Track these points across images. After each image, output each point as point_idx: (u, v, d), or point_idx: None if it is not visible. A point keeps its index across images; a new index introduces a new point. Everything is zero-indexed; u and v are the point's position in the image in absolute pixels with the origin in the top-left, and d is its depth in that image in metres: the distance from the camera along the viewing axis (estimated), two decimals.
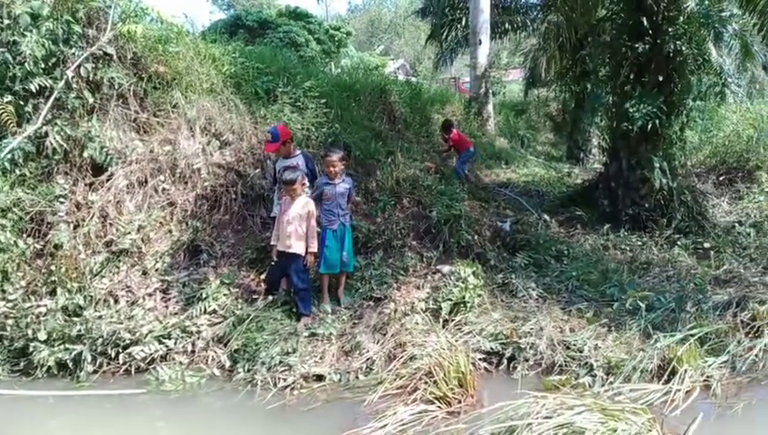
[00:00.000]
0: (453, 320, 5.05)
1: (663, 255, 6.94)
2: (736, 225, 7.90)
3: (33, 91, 5.24)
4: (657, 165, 7.76)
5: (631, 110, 7.52)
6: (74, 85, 5.46)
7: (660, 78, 7.72)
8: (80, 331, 4.63)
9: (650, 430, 3.40)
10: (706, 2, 8.39)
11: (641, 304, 5.12)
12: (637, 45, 7.71)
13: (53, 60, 5.37)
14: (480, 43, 13.98)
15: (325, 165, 5.33)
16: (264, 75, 7.36)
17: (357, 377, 4.47)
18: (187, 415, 4.21)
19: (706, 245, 7.22)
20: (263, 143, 6.46)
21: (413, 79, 19.35)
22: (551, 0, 9.71)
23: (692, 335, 4.58)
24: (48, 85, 5.30)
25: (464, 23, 16.26)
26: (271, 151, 5.67)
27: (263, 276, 5.51)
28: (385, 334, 4.81)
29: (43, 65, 5.26)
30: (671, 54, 7.66)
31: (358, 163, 7.41)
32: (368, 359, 4.59)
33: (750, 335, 4.81)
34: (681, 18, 7.72)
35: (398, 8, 50.12)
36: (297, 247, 5.03)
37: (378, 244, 6.30)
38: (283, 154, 5.56)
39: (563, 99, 16.73)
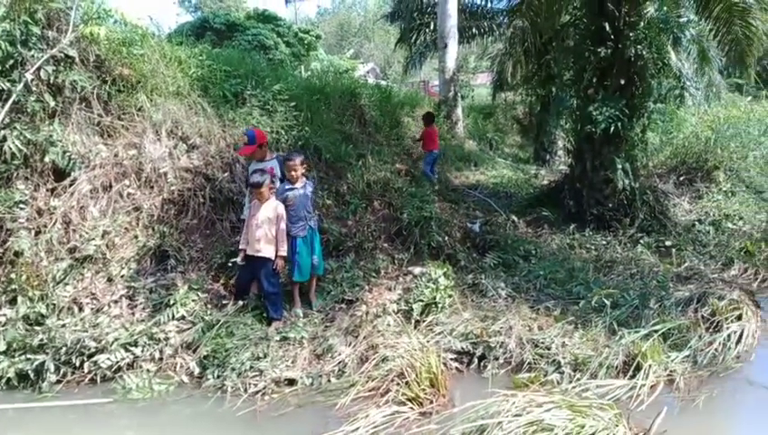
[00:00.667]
0: (424, 321, 5.10)
1: (627, 253, 7.13)
2: (696, 223, 8.18)
3: None
4: (619, 166, 7.97)
5: (595, 113, 7.71)
6: (34, 88, 5.30)
7: (622, 82, 7.92)
8: (42, 340, 4.48)
9: (617, 425, 3.48)
10: (665, 8, 8.68)
11: (606, 301, 5.28)
12: (599, 50, 7.90)
13: (11, 62, 5.21)
14: (446, 46, 14.13)
15: (287, 169, 5.29)
16: (232, 78, 7.26)
17: (329, 380, 4.45)
18: (155, 424, 4.12)
19: (668, 243, 7.45)
20: (231, 146, 6.39)
21: (383, 82, 19.42)
22: (516, 5, 9.84)
23: (655, 331, 4.72)
24: (6, 88, 5.13)
25: (432, 27, 16.42)
26: (247, 154, 5.60)
27: (232, 281, 5.44)
28: (357, 337, 4.81)
29: None
30: (632, 59, 7.87)
31: (328, 166, 7.39)
32: (340, 362, 4.58)
33: (710, 330, 5.01)
34: (641, 23, 7.95)
35: (367, 12, 50.23)
36: (267, 251, 4.99)
37: (349, 246, 6.31)
38: (257, 157, 5.51)
39: (529, 102, 17.08)
